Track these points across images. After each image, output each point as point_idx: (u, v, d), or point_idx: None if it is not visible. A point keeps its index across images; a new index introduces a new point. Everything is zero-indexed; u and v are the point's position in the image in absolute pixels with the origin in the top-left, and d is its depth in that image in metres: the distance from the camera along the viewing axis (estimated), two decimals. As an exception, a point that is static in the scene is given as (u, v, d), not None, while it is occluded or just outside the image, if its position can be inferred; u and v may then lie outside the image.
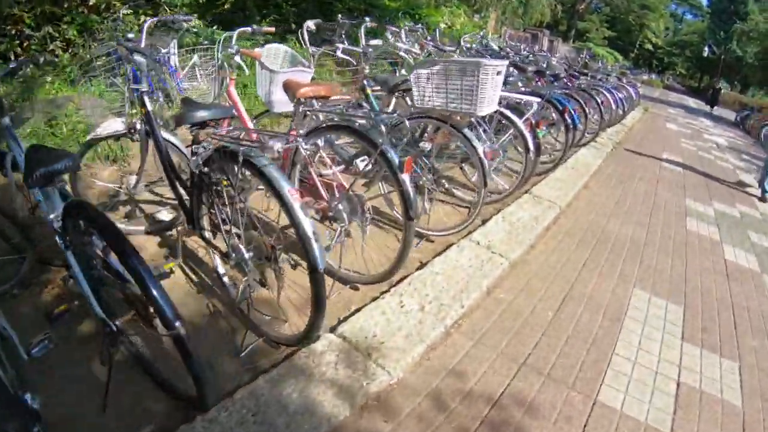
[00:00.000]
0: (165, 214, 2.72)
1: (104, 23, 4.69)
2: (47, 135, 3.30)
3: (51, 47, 4.51)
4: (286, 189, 1.68)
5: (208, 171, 1.87)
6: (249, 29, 3.03)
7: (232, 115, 2.24)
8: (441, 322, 2.24)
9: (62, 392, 1.69)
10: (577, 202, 4.41)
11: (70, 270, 1.64)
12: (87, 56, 4.24)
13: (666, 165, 7.09)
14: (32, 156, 1.59)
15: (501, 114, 3.49)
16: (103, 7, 5.06)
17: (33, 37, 4.44)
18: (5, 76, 2.10)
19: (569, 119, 4.52)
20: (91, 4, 4.98)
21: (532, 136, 3.57)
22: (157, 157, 2.16)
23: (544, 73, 5.73)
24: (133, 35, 2.38)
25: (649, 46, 43.26)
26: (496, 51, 8.56)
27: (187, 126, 1.90)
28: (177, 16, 2.85)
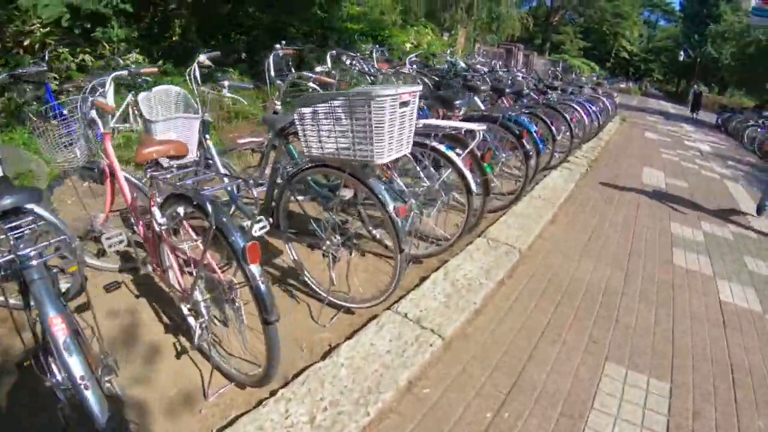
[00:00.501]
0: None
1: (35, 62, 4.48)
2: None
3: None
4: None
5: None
6: (125, 72, 2.42)
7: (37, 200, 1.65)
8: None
9: None
10: (541, 242, 3.80)
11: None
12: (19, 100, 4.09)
13: (647, 182, 6.51)
14: None
15: (434, 150, 2.89)
16: (38, 47, 5.01)
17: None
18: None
19: (529, 145, 3.94)
20: (26, 44, 4.93)
21: (475, 174, 2.97)
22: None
23: (503, 91, 5.17)
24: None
25: (624, 55, 43.43)
26: (465, 69, 8.14)
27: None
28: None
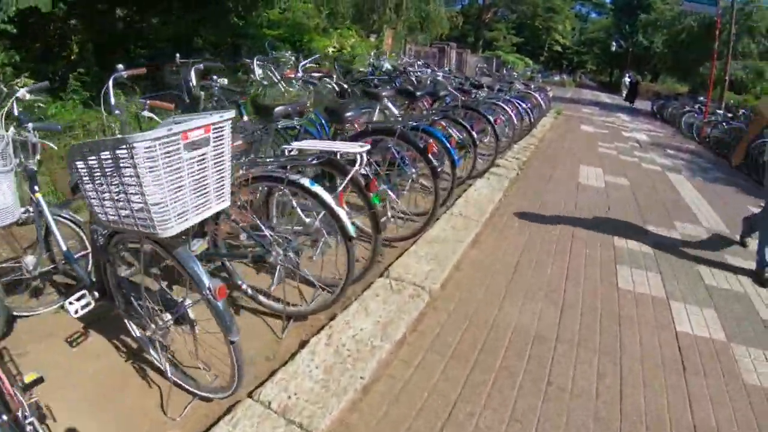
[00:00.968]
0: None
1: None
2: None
3: None
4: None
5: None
6: None
7: None
8: None
9: None
10: (459, 276, 3.09)
11: None
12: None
13: (584, 183, 5.98)
14: None
15: (292, 185, 2.11)
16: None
17: None
18: None
19: (436, 160, 3.23)
20: None
21: (350, 213, 2.23)
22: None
23: (413, 94, 4.46)
24: None
25: (558, 48, 44.32)
26: (390, 71, 7.48)
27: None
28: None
